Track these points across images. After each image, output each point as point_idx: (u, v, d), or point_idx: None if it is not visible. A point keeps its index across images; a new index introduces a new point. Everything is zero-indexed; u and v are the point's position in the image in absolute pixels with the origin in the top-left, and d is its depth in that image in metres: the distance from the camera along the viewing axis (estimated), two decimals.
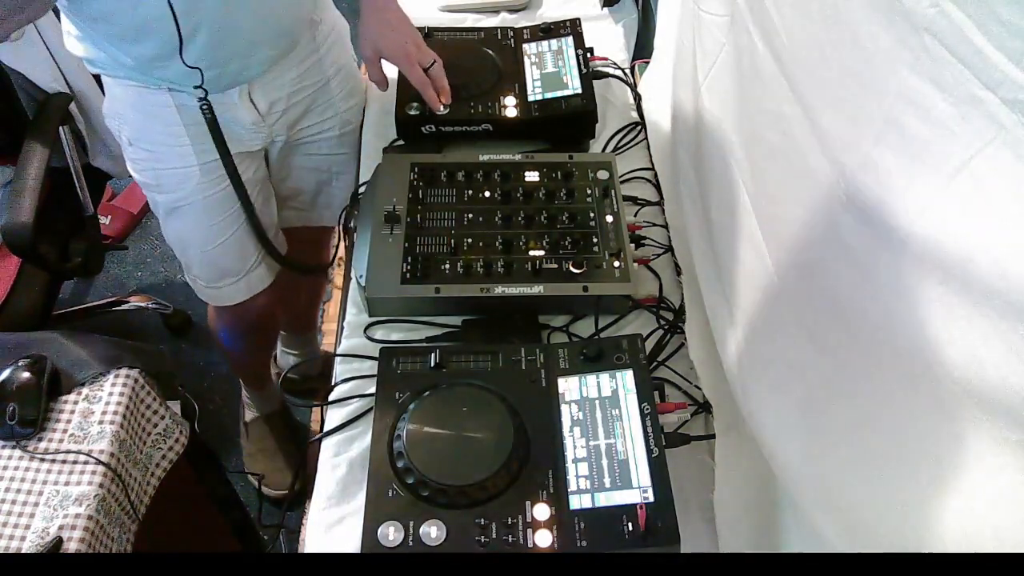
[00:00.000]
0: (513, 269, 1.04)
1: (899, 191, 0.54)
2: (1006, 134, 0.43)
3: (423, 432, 0.86)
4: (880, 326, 0.58)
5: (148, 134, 1.18)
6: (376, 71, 1.24)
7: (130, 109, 1.17)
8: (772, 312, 0.79)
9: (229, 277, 1.34)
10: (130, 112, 1.17)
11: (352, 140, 1.38)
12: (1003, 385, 0.46)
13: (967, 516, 0.50)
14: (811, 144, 0.66)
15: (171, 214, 1.26)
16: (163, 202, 1.25)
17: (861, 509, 0.62)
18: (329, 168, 1.39)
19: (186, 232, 1.28)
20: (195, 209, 1.23)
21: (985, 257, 0.46)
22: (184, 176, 1.20)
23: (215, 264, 1.32)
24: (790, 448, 0.75)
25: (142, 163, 1.22)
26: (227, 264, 1.32)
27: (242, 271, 1.34)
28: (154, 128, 1.17)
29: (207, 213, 1.24)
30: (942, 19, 0.46)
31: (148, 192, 1.27)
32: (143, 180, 1.24)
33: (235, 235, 1.28)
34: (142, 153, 1.20)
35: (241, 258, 1.33)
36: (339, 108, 1.33)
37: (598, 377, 0.90)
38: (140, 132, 1.18)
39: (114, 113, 1.19)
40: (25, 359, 1.04)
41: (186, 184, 1.20)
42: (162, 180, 1.21)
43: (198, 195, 1.21)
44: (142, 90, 1.13)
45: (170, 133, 1.16)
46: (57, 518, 0.93)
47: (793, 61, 0.69)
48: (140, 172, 1.23)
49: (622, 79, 1.43)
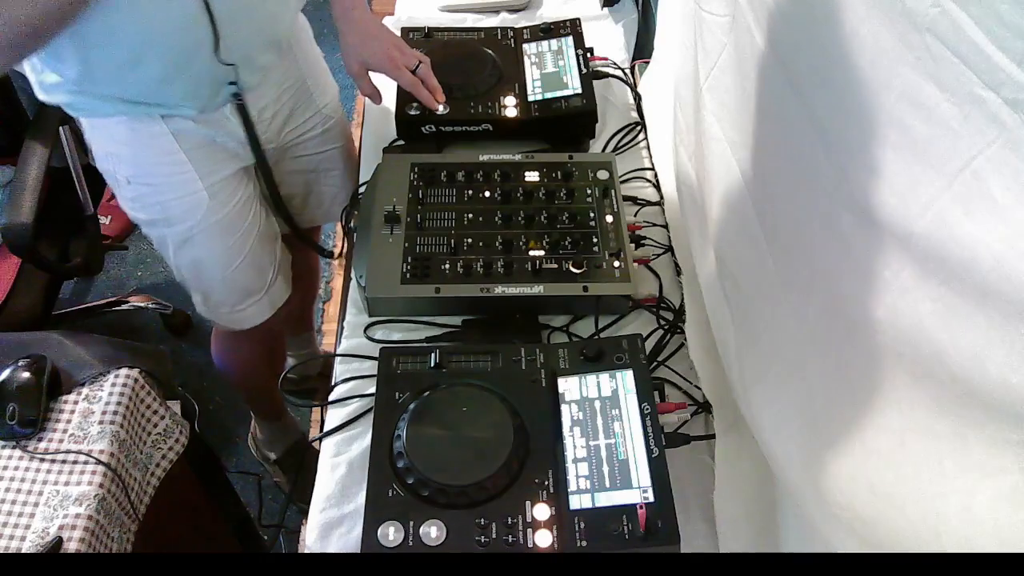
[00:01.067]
0: (513, 269, 1.04)
1: (900, 191, 0.54)
2: (1008, 134, 0.43)
3: (423, 432, 0.86)
4: (881, 326, 0.58)
5: (148, 167, 1.14)
6: (366, 85, 1.23)
7: (124, 146, 1.12)
8: (772, 312, 0.79)
9: (253, 296, 1.31)
10: (125, 149, 1.13)
11: (335, 134, 1.37)
12: (1004, 385, 0.46)
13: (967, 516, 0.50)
14: (812, 144, 0.66)
15: (184, 245, 1.22)
16: (173, 235, 1.21)
17: (861, 509, 0.62)
18: (317, 167, 1.37)
19: (203, 259, 1.24)
20: (210, 234, 1.20)
21: (986, 257, 0.46)
22: (194, 202, 1.16)
23: (237, 286, 1.29)
24: (790, 448, 0.75)
25: (145, 199, 1.17)
26: (249, 283, 1.30)
27: (263, 287, 1.32)
28: (153, 159, 1.13)
29: (222, 235, 1.21)
30: (944, 19, 0.46)
31: (153, 229, 1.22)
32: (148, 217, 1.20)
33: (252, 251, 1.26)
34: (143, 189, 1.16)
35: (260, 274, 1.31)
36: (318, 105, 1.32)
37: (598, 377, 0.90)
38: (139, 167, 1.14)
39: (106, 154, 1.15)
40: (25, 359, 1.04)
41: (197, 210, 1.17)
42: (170, 212, 1.18)
43: (211, 218, 1.19)
44: (134, 123, 1.10)
45: (171, 161, 1.13)
46: (57, 518, 0.93)
47: (795, 61, 0.69)
48: (143, 209, 1.19)
49: (622, 79, 1.43)
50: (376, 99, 1.25)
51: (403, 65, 1.20)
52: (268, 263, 1.31)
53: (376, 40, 1.20)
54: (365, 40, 1.19)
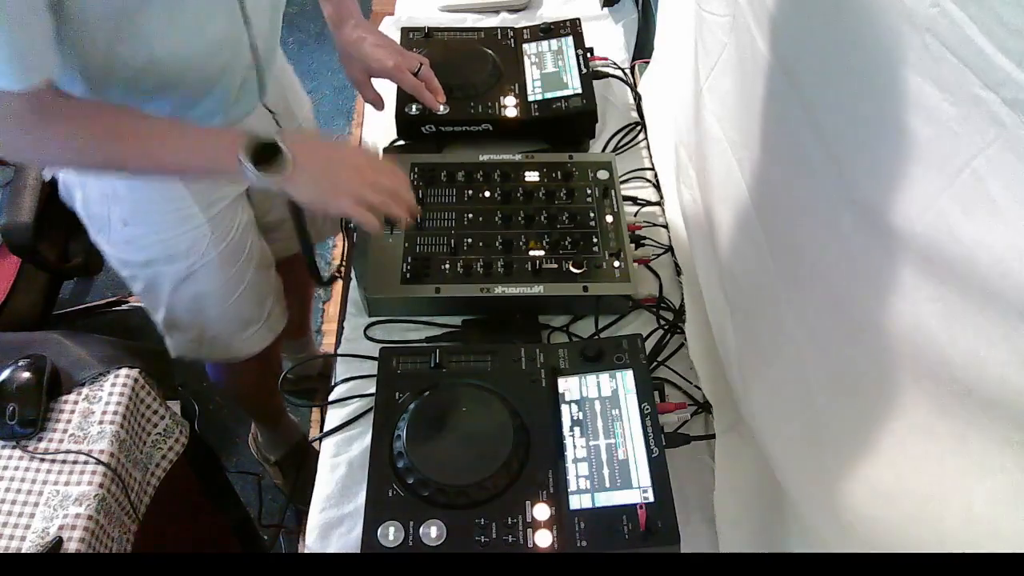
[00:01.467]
0: (513, 269, 1.05)
1: (900, 191, 0.54)
2: (1007, 134, 0.43)
3: (423, 432, 0.86)
4: (881, 326, 0.58)
5: (147, 206, 1.09)
6: (369, 92, 1.23)
7: (123, 186, 1.07)
8: (772, 312, 0.79)
9: (253, 325, 1.30)
10: (123, 189, 1.07)
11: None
12: (1004, 385, 0.46)
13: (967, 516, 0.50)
14: (812, 144, 0.66)
15: (184, 282, 1.17)
16: (173, 273, 1.16)
17: (861, 509, 0.62)
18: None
19: (205, 293, 1.20)
20: (212, 266, 1.17)
21: (986, 257, 0.46)
22: (196, 236, 1.13)
23: (238, 316, 1.27)
24: (790, 448, 0.75)
25: (142, 240, 1.12)
26: (249, 312, 1.28)
27: (263, 315, 1.31)
28: (153, 198, 1.09)
29: (223, 266, 1.18)
30: (943, 19, 0.46)
31: (147, 270, 1.17)
32: (141, 259, 1.15)
33: (251, 279, 1.24)
34: (141, 229, 1.11)
35: (260, 303, 1.29)
36: (299, 119, 1.30)
37: (598, 377, 0.90)
38: (137, 207, 1.09)
39: (101, 196, 1.09)
40: (25, 359, 1.04)
41: (199, 244, 1.13)
42: (172, 250, 1.13)
43: (213, 251, 1.15)
44: None
45: (172, 198, 1.09)
46: (57, 518, 0.93)
47: (795, 61, 0.69)
48: (140, 251, 1.14)
49: (622, 79, 1.43)
50: (379, 106, 1.25)
51: (405, 68, 1.20)
52: (267, 291, 1.30)
53: (376, 47, 1.19)
54: (366, 49, 1.19)
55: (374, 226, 0.95)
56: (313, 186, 0.93)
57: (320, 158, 0.95)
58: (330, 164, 0.96)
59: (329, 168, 0.95)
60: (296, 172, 0.90)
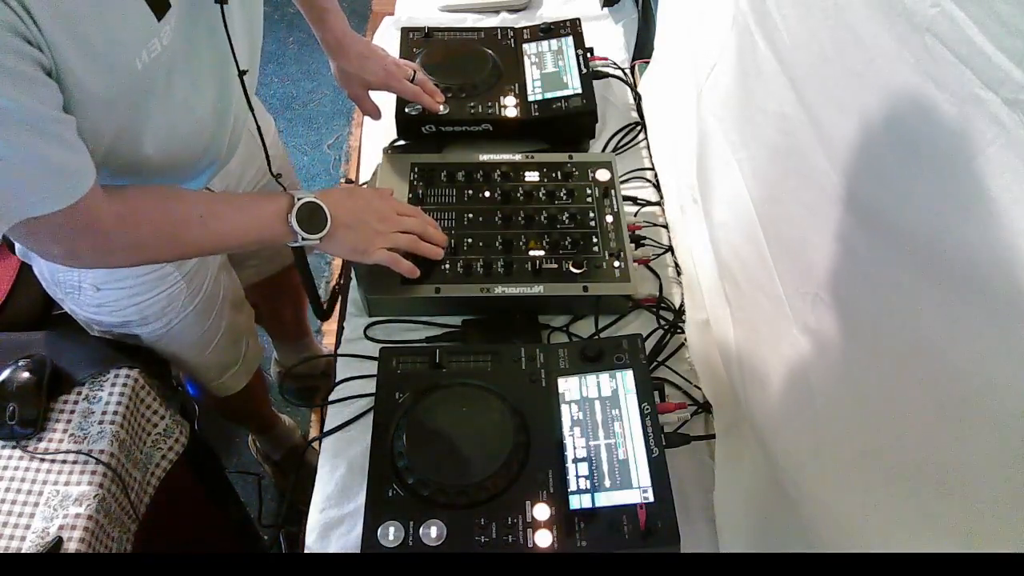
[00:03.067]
0: (513, 269, 1.04)
1: (900, 191, 0.54)
2: (1007, 134, 0.43)
3: (423, 432, 0.86)
4: (880, 326, 0.58)
5: (121, 271, 1.05)
6: (368, 104, 1.24)
7: None
8: (772, 312, 0.79)
9: (230, 368, 1.30)
10: None
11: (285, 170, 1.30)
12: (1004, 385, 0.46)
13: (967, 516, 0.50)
14: (812, 144, 0.66)
15: (159, 340, 1.16)
16: (147, 333, 1.13)
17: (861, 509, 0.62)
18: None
19: (180, 351, 1.19)
20: (187, 323, 1.15)
21: (986, 257, 0.46)
22: (170, 297, 1.10)
23: (215, 363, 1.27)
24: (790, 448, 0.75)
25: (115, 304, 1.08)
26: (226, 358, 1.28)
27: (239, 357, 1.31)
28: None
29: (198, 321, 1.17)
30: (943, 19, 0.46)
31: (122, 330, 1.13)
32: (116, 321, 1.11)
33: (227, 324, 1.23)
34: (115, 295, 1.07)
35: (235, 345, 1.29)
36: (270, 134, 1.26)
37: (598, 377, 0.90)
38: (109, 273, 1.05)
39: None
40: (25, 359, 1.04)
41: (174, 304, 1.11)
42: (146, 312, 1.10)
43: (188, 307, 1.13)
44: None
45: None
46: (57, 518, 0.93)
47: (794, 61, 0.69)
48: (112, 314, 1.10)
49: (622, 79, 1.43)
50: (376, 116, 1.26)
51: (401, 78, 1.21)
52: (242, 331, 1.30)
53: (371, 60, 1.20)
54: (362, 62, 1.20)
55: (411, 270, 1.00)
56: (347, 240, 0.98)
57: (348, 210, 0.98)
58: (358, 215, 0.99)
59: (358, 219, 0.99)
60: (332, 228, 0.95)
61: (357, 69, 1.19)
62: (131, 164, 0.88)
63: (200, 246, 0.94)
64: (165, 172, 0.93)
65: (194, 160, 0.98)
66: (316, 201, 0.94)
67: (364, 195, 1.05)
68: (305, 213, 0.93)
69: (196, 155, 0.97)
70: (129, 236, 0.85)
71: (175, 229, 0.88)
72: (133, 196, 0.86)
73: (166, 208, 0.88)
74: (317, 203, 0.94)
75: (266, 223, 0.93)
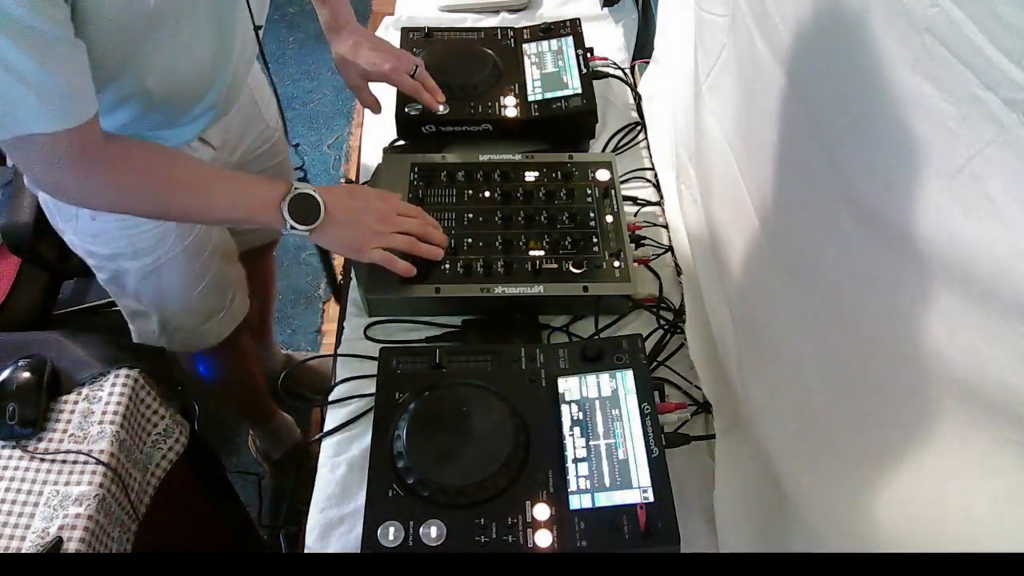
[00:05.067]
0: (513, 269, 1.04)
1: (899, 191, 0.54)
2: (1006, 134, 0.43)
3: (423, 432, 0.86)
4: (880, 326, 0.58)
5: None
6: (367, 96, 1.24)
7: None
8: (772, 312, 0.79)
9: (215, 315, 1.30)
10: None
11: (280, 147, 1.36)
12: (1003, 385, 0.46)
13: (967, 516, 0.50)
14: (811, 144, 0.66)
15: (148, 276, 1.17)
16: (137, 267, 1.15)
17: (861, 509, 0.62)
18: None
19: (167, 288, 1.21)
20: (176, 262, 1.16)
21: (986, 257, 0.46)
22: (161, 233, 1.12)
23: (200, 308, 1.27)
24: (790, 448, 0.75)
25: (109, 234, 1.11)
26: (211, 304, 1.28)
27: (225, 305, 1.31)
28: None
29: (188, 261, 1.18)
30: (942, 19, 0.46)
31: (113, 263, 1.16)
32: (108, 252, 1.14)
33: (215, 272, 1.24)
34: (109, 223, 1.09)
35: (222, 294, 1.29)
36: (266, 119, 1.31)
37: (598, 377, 0.90)
38: None
39: None
40: (25, 359, 1.04)
41: (165, 240, 1.13)
42: (138, 245, 1.12)
43: (178, 246, 1.15)
44: None
45: None
46: (57, 518, 0.93)
47: (794, 61, 0.69)
48: (106, 244, 1.12)
49: (622, 79, 1.43)
50: (376, 109, 1.26)
51: (402, 71, 1.20)
52: (230, 282, 1.30)
53: (372, 51, 1.20)
54: (362, 52, 1.19)
55: (406, 270, 1.01)
56: (340, 236, 0.99)
57: (345, 208, 0.99)
58: (355, 214, 1.00)
59: (355, 218, 1.00)
60: (326, 222, 0.96)
61: (356, 59, 1.19)
62: (133, 94, 0.92)
63: (185, 210, 0.95)
64: (165, 107, 0.98)
65: (193, 100, 1.01)
66: (313, 194, 0.95)
67: (365, 195, 1.05)
68: (299, 203, 0.94)
69: (195, 95, 1.00)
70: (115, 178, 0.87)
71: (162, 186, 0.91)
72: (131, 144, 0.89)
73: (159, 163, 0.91)
74: (313, 196, 0.95)
75: (257, 204, 0.94)
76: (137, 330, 1.29)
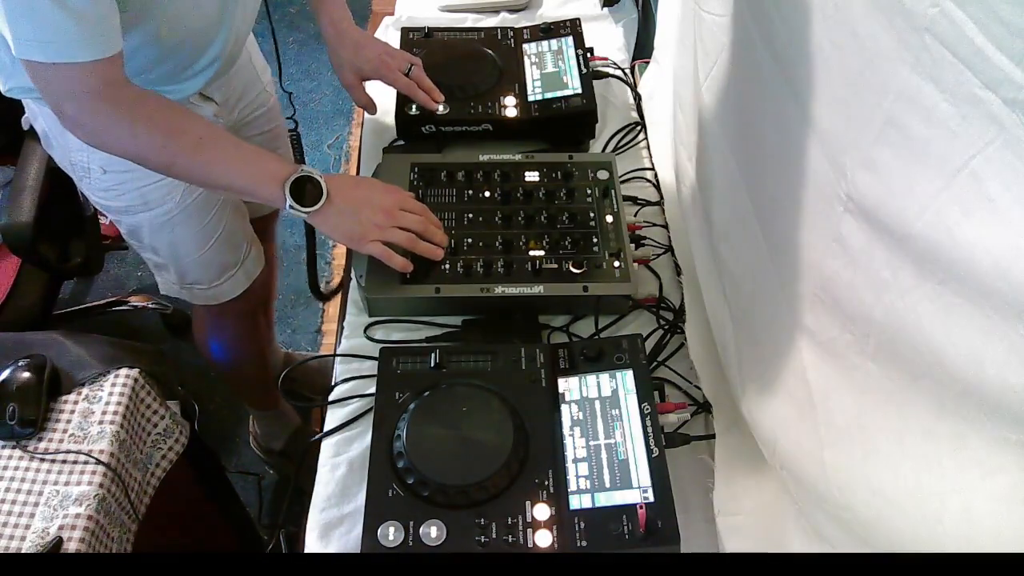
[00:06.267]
0: (513, 269, 1.04)
1: (899, 191, 0.54)
2: (1006, 134, 0.43)
3: (423, 432, 0.86)
4: (880, 326, 0.58)
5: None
6: (361, 94, 1.25)
7: None
8: (772, 312, 0.79)
9: (229, 270, 1.32)
10: None
11: (275, 113, 1.41)
12: (1003, 385, 0.46)
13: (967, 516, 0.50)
14: (811, 144, 0.66)
15: (161, 228, 1.22)
16: (150, 219, 1.20)
17: (861, 509, 0.62)
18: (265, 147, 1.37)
19: (180, 240, 1.24)
20: (188, 213, 1.20)
21: (985, 257, 0.46)
22: (171, 184, 1.15)
23: (213, 262, 1.30)
24: (790, 448, 0.75)
25: (121, 187, 1.16)
26: (224, 258, 1.31)
27: (239, 260, 1.33)
28: None
29: (199, 213, 1.21)
30: (942, 19, 0.46)
31: (128, 216, 1.21)
32: (121, 205, 1.19)
33: (226, 226, 1.27)
34: (121, 176, 1.14)
35: (235, 248, 1.32)
36: (264, 81, 1.35)
37: (598, 377, 0.90)
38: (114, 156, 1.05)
39: (79, 145, 1.07)
40: (25, 359, 1.04)
41: (175, 192, 1.17)
42: (148, 197, 1.17)
43: (188, 199, 1.18)
44: None
45: None
46: (57, 518, 0.93)
47: (793, 61, 0.69)
48: (118, 198, 1.17)
49: (622, 79, 1.43)
50: (372, 109, 1.27)
51: (396, 69, 1.21)
52: (242, 237, 1.33)
53: (367, 48, 1.21)
54: (357, 50, 1.21)
55: (403, 265, 1.01)
56: (340, 224, 1.00)
57: (348, 197, 1.00)
58: (357, 204, 1.01)
59: (356, 208, 1.01)
60: (326, 207, 0.97)
61: (351, 57, 1.21)
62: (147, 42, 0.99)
63: (188, 168, 0.97)
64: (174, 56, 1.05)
65: (199, 51, 1.07)
66: (317, 178, 0.97)
67: (372, 187, 1.07)
68: (301, 184, 0.96)
69: (201, 46, 1.07)
70: (129, 121, 0.92)
71: (170, 135, 0.94)
72: (149, 93, 0.94)
73: (173, 114, 0.96)
74: (318, 180, 0.97)
75: (260, 177, 0.97)
76: (162, 281, 1.34)
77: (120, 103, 0.90)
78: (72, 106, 0.90)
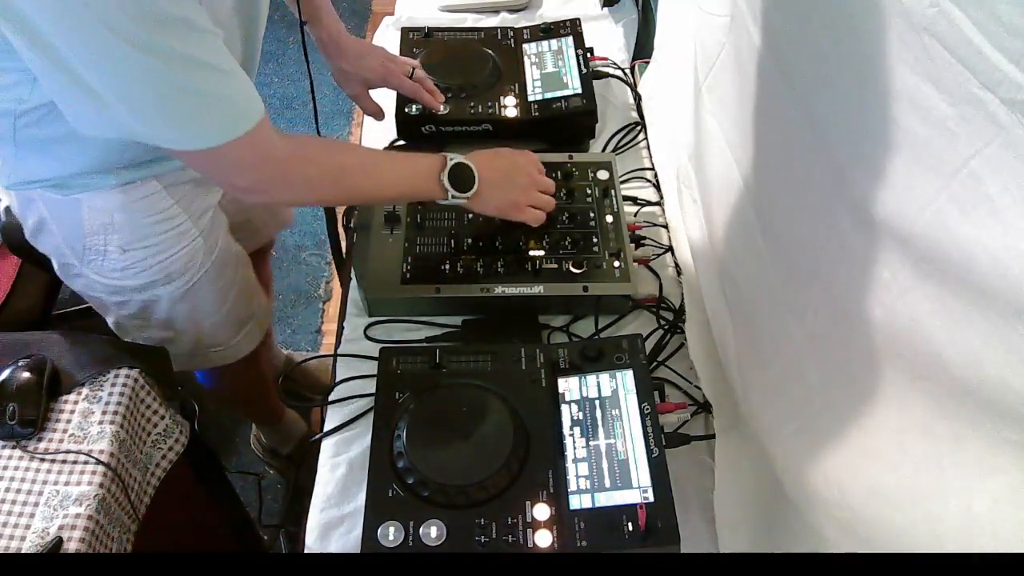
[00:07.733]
0: (513, 269, 1.05)
1: (898, 191, 0.54)
2: (1005, 134, 0.43)
3: (423, 432, 0.86)
4: (880, 326, 0.58)
5: (143, 229, 1.06)
6: (369, 103, 1.25)
7: (118, 214, 1.04)
8: (772, 312, 0.79)
9: (245, 325, 1.29)
10: (118, 216, 1.04)
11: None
12: (1002, 385, 0.46)
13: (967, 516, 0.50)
14: (811, 144, 0.66)
15: (182, 299, 1.16)
16: (170, 292, 1.14)
17: (861, 509, 0.62)
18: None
19: (201, 306, 1.19)
20: (208, 278, 1.16)
21: (984, 257, 0.46)
22: (191, 252, 1.11)
23: (232, 319, 1.26)
24: (790, 448, 0.75)
25: (141, 264, 1.09)
26: (241, 313, 1.27)
27: (253, 312, 1.31)
28: (148, 221, 1.06)
29: (219, 274, 1.18)
30: (942, 19, 0.46)
31: (142, 294, 1.13)
32: (138, 283, 1.12)
33: (241, 279, 1.24)
34: (140, 254, 1.08)
35: (249, 299, 1.29)
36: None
37: (598, 377, 0.90)
38: (134, 233, 1.06)
39: (97, 228, 1.04)
40: (25, 359, 1.04)
41: (195, 259, 1.13)
42: (170, 270, 1.11)
43: (207, 263, 1.14)
44: (127, 188, 1.02)
45: (165, 216, 1.07)
46: (57, 518, 0.93)
47: (793, 61, 0.69)
48: (136, 276, 1.11)
49: (622, 79, 1.43)
50: (380, 116, 1.27)
51: (400, 74, 1.22)
52: (253, 287, 1.30)
53: (368, 57, 1.21)
54: (359, 61, 1.21)
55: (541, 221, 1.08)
56: (493, 198, 1.04)
57: (496, 171, 1.04)
58: (505, 176, 1.06)
59: (506, 180, 1.06)
60: (481, 187, 1.01)
61: (355, 67, 1.21)
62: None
63: (362, 191, 1.01)
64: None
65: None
66: (466, 162, 1.00)
67: (509, 154, 1.09)
68: (456, 172, 0.99)
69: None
70: (301, 171, 0.91)
71: (340, 172, 0.95)
72: (300, 138, 0.95)
73: (331, 151, 0.97)
74: (467, 164, 1.00)
75: (421, 179, 0.99)
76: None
77: (285, 161, 0.89)
78: (244, 180, 0.89)
